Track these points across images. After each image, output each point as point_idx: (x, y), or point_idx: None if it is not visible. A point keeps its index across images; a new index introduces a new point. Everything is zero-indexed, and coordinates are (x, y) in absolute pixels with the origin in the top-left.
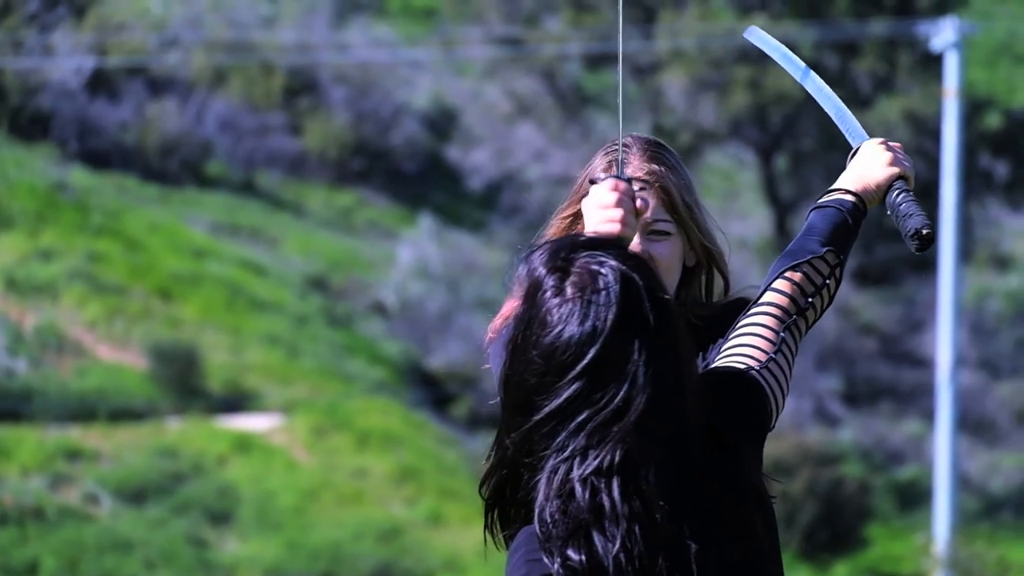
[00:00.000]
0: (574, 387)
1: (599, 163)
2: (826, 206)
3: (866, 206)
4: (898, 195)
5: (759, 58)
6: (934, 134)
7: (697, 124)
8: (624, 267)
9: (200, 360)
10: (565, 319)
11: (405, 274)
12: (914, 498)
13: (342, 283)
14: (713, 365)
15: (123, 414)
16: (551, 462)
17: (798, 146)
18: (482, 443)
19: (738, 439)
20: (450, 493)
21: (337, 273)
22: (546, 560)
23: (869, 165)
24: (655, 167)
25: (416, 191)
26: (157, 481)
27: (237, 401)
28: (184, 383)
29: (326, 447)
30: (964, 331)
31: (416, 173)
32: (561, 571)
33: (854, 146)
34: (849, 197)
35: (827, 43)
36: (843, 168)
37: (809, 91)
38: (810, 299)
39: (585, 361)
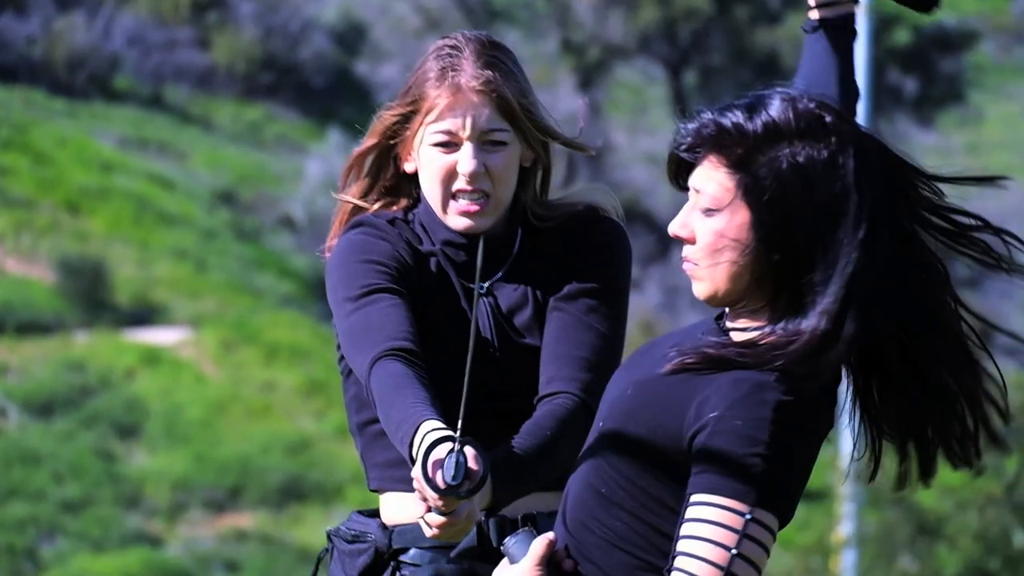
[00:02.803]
0: None
1: (431, 67)
2: None
3: None
4: None
5: None
6: None
7: (606, 39)
8: None
9: (108, 274)
10: None
11: (314, 188)
12: None
13: (250, 197)
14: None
15: (31, 327)
16: None
17: (707, 61)
18: None
19: None
20: None
21: (245, 187)
22: None
23: None
24: (490, 74)
25: (325, 105)
26: (65, 394)
27: (145, 315)
28: (92, 297)
29: (234, 361)
30: None
31: (325, 88)
32: None
33: None
34: None
35: None
36: (753, 83)
37: None
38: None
39: None
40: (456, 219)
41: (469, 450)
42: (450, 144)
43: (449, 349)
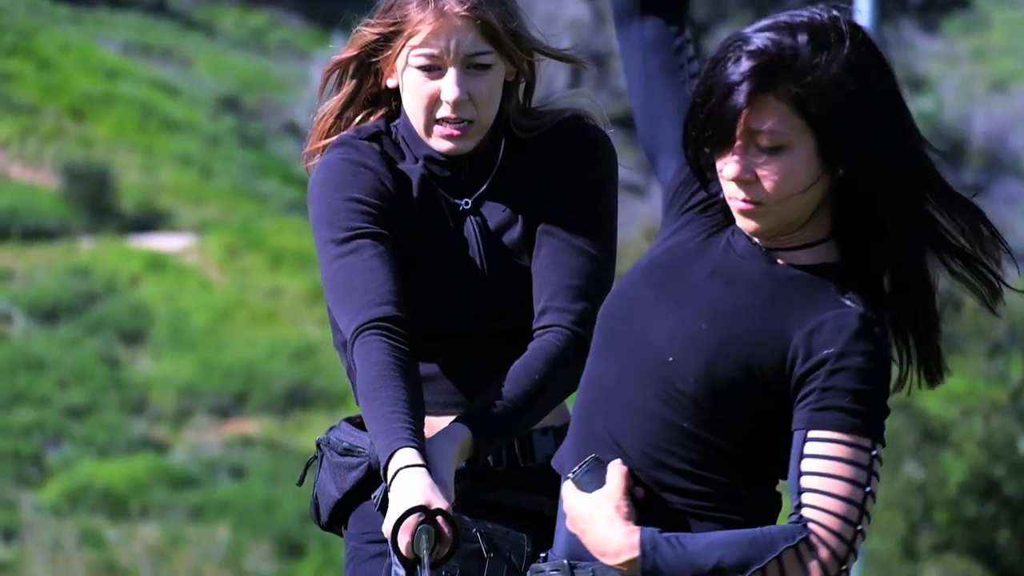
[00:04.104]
0: None
1: None
2: None
3: None
4: None
5: None
6: None
7: None
8: None
9: (113, 180)
10: None
11: (318, 94)
12: None
13: (255, 103)
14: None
15: (35, 233)
16: None
17: None
18: None
19: None
20: None
21: (250, 93)
22: None
23: None
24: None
25: (329, 12)
26: (70, 300)
27: (150, 221)
28: (97, 203)
29: (239, 267)
30: None
31: None
32: None
33: None
34: None
35: None
36: None
37: None
38: None
39: None
40: (439, 142)
41: (440, 520)
42: (433, 68)
43: (436, 270)
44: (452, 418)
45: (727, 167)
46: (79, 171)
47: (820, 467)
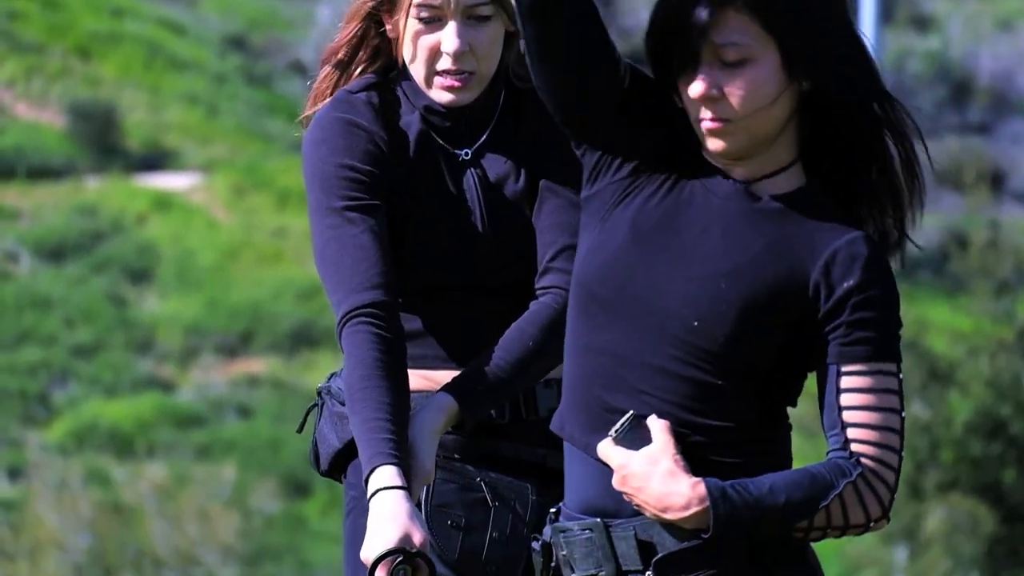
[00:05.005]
0: None
1: None
2: None
3: None
4: None
5: None
6: None
7: None
8: None
9: (119, 118)
10: None
11: (325, 33)
12: None
13: (261, 42)
14: None
15: (42, 172)
16: None
17: None
18: None
19: None
20: None
21: (256, 32)
22: None
23: None
24: None
25: None
26: (76, 239)
27: (156, 160)
28: (103, 141)
29: (246, 206)
30: None
31: None
32: None
33: None
34: None
35: None
36: None
37: None
38: None
39: None
40: (440, 93)
41: (418, 561)
42: (434, 20)
43: (435, 223)
44: (450, 373)
45: (692, 86)
46: (85, 110)
47: (860, 400)
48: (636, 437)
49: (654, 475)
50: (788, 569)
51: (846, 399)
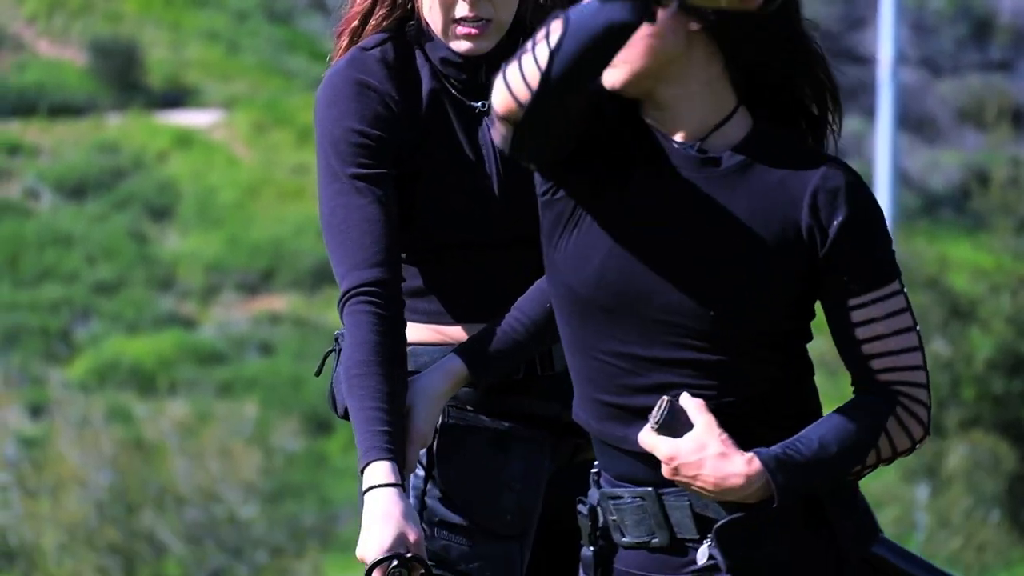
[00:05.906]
0: None
1: None
2: None
3: None
4: None
5: None
6: None
7: None
8: None
9: (140, 55)
10: None
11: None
12: None
13: None
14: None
15: (63, 109)
16: None
17: None
18: None
19: None
20: None
21: None
22: None
23: None
24: None
25: None
26: (97, 176)
27: (177, 96)
28: (124, 78)
29: (266, 143)
30: (905, 28)
31: None
32: None
33: None
34: None
35: None
36: None
37: None
38: None
39: None
40: (458, 42)
41: (414, 566)
42: None
43: (448, 177)
44: (462, 327)
45: None
46: (107, 47)
47: (877, 331)
48: (675, 422)
49: (706, 461)
50: (845, 516)
51: (862, 332)
